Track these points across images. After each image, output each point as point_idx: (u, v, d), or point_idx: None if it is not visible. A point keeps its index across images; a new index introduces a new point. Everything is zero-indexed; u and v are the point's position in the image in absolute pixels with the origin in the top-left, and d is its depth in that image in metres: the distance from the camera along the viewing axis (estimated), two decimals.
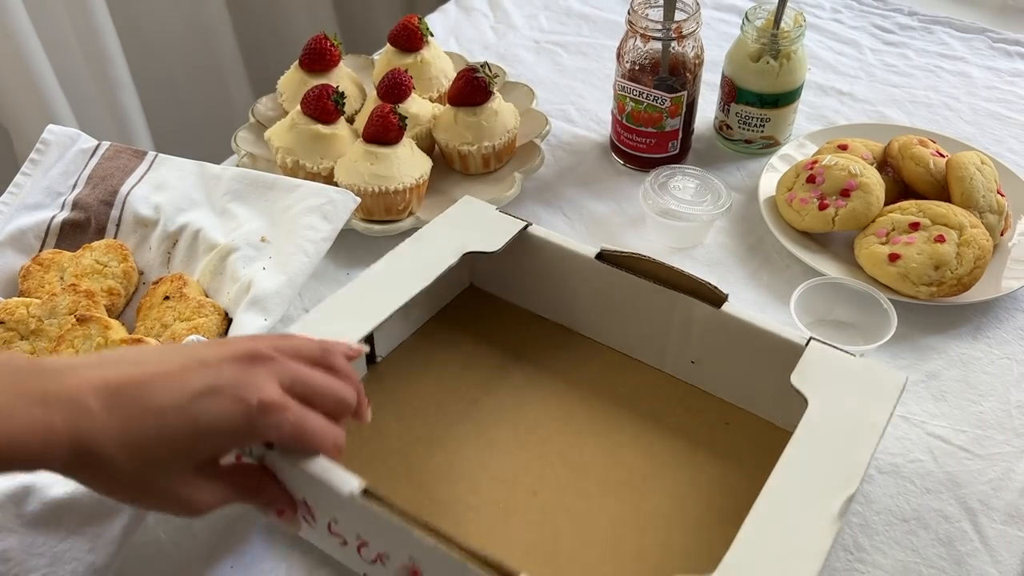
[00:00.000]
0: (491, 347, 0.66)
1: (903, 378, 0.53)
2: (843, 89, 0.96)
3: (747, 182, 0.84)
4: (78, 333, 0.60)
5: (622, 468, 0.58)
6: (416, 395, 0.63)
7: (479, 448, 0.59)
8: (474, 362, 0.65)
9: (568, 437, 0.60)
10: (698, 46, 0.80)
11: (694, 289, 0.59)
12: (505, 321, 0.69)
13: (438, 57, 0.89)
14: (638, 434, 0.60)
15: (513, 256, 0.65)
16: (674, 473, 0.58)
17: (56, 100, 1.18)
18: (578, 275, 0.64)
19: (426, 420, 0.61)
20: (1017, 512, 0.58)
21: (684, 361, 0.63)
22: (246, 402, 0.42)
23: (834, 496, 0.46)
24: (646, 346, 0.64)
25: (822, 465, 0.48)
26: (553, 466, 0.58)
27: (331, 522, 0.50)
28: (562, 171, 0.86)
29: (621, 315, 0.64)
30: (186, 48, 1.44)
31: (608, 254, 0.62)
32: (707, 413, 0.61)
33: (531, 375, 0.64)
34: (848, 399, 0.52)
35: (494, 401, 0.62)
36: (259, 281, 0.64)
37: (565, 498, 0.56)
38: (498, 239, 0.63)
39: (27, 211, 0.71)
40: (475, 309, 0.70)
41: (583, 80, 0.99)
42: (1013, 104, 0.93)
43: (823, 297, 0.67)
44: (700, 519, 0.55)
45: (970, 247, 0.69)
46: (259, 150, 0.84)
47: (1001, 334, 0.69)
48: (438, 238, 0.63)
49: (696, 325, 0.60)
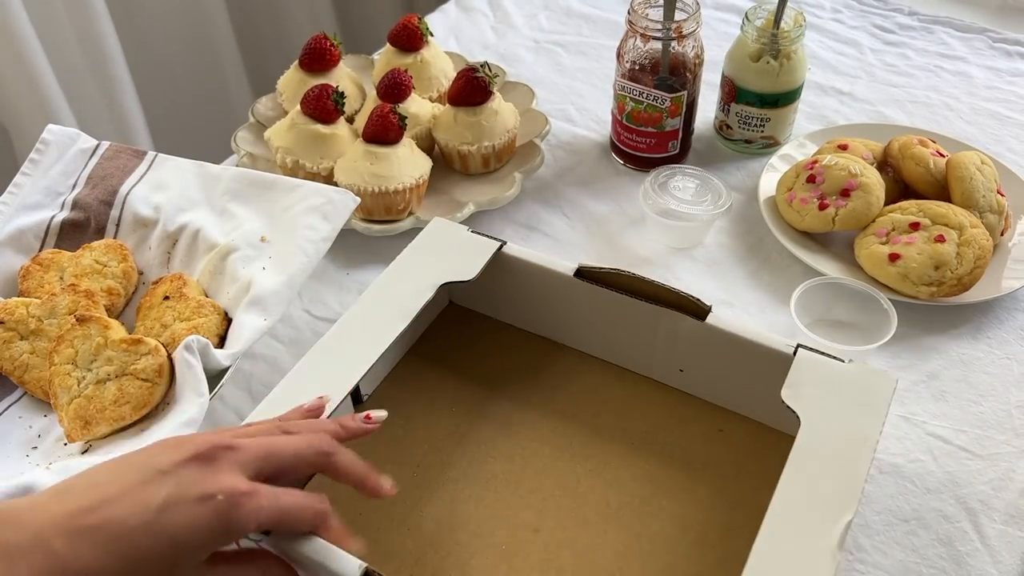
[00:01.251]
0: (476, 370, 0.65)
1: (893, 380, 0.53)
2: (843, 89, 0.96)
3: (747, 182, 0.84)
4: (78, 333, 0.60)
5: (620, 492, 0.57)
6: (408, 433, 0.61)
7: (476, 485, 0.58)
8: (461, 389, 0.64)
9: (563, 464, 0.59)
10: (698, 46, 0.80)
11: (677, 303, 0.58)
12: (487, 338, 0.67)
13: (438, 57, 0.89)
14: (633, 453, 0.59)
15: (491, 276, 0.63)
16: (672, 492, 0.57)
17: (56, 100, 1.18)
18: (558, 292, 0.63)
19: (420, 461, 0.60)
20: (1017, 512, 0.58)
21: (672, 370, 0.62)
22: (212, 500, 0.40)
23: (833, 523, 0.46)
24: (633, 358, 0.64)
25: (818, 492, 0.47)
26: (552, 498, 0.57)
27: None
28: (562, 171, 0.86)
29: (605, 329, 0.63)
30: (186, 48, 1.44)
31: (587, 271, 0.61)
32: (699, 421, 0.61)
33: (518, 397, 0.63)
34: (840, 412, 0.51)
35: (484, 433, 0.61)
36: (259, 281, 0.63)
37: (567, 532, 0.55)
38: (473, 264, 0.61)
39: (27, 211, 0.71)
40: (456, 328, 0.68)
41: (583, 80, 0.99)
42: (1013, 104, 0.93)
43: (823, 297, 0.67)
44: (704, 538, 0.54)
45: (970, 247, 0.69)
46: (259, 150, 0.84)
47: (1001, 334, 0.69)
48: (413, 270, 0.61)
49: (682, 339, 0.59)
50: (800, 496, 0.47)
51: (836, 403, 0.52)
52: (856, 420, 0.51)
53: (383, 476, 0.48)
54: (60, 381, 0.59)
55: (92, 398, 0.58)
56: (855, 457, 0.49)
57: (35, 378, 0.62)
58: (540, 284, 0.63)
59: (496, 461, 0.59)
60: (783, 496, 0.47)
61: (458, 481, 0.58)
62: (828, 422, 0.51)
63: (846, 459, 0.49)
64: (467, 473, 0.59)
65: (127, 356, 0.59)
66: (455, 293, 0.70)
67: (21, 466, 0.58)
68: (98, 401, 0.58)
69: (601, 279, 0.61)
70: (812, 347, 0.55)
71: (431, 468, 0.59)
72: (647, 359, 0.63)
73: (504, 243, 0.63)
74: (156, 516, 0.39)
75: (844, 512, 0.46)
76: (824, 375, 0.53)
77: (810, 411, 0.51)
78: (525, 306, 0.66)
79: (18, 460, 0.59)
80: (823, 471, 0.48)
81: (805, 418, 0.51)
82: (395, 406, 0.61)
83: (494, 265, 0.62)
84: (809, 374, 0.53)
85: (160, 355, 0.59)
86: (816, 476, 0.48)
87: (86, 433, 0.57)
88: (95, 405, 0.58)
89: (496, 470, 0.59)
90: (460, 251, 0.62)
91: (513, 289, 0.65)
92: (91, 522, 0.38)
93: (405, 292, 0.59)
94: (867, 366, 0.54)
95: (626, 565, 0.54)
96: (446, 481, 0.58)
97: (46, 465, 0.57)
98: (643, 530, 0.55)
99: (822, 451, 0.49)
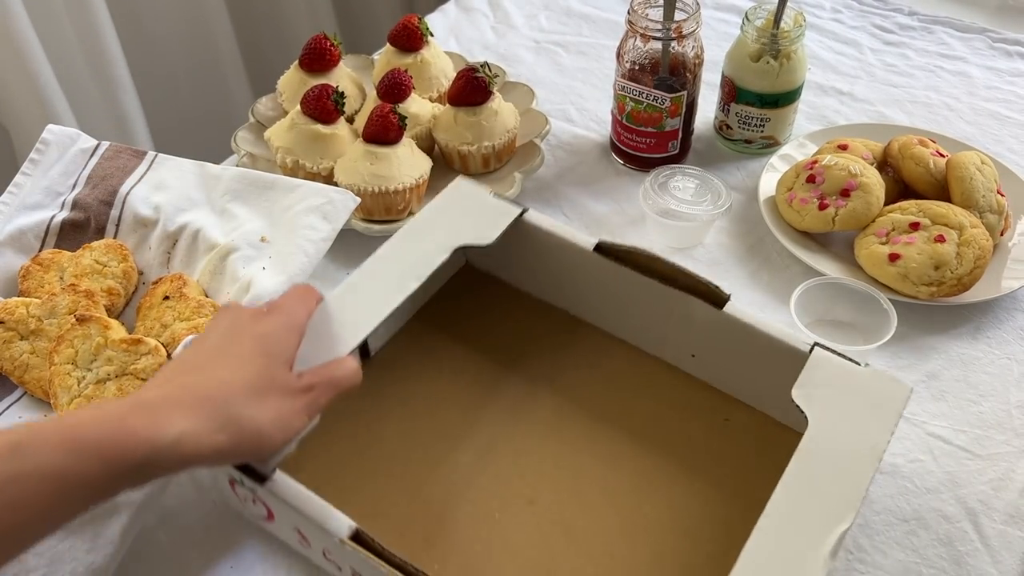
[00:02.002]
0: (488, 336, 0.65)
1: (908, 388, 0.52)
2: (843, 89, 0.96)
3: (747, 182, 0.84)
4: (78, 333, 0.60)
5: (620, 474, 0.57)
6: (413, 395, 0.62)
7: (477, 453, 0.59)
8: (471, 355, 0.64)
9: (566, 441, 0.59)
10: (698, 46, 0.80)
11: (695, 288, 0.58)
12: (500, 304, 0.67)
13: (438, 57, 0.89)
14: (636, 437, 0.59)
15: (510, 241, 0.63)
16: (672, 480, 0.57)
17: (56, 100, 1.18)
18: (576, 265, 0.63)
19: (424, 423, 0.60)
20: (1017, 512, 0.58)
21: (685, 354, 0.62)
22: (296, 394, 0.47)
23: (829, 531, 0.45)
24: (646, 338, 0.63)
25: (817, 497, 0.47)
26: (550, 473, 0.57)
27: (324, 551, 0.50)
28: (562, 171, 0.86)
29: (620, 307, 0.63)
30: (186, 48, 1.44)
31: (606, 246, 0.61)
32: (707, 410, 0.61)
33: (527, 368, 0.63)
34: (850, 416, 0.50)
35: (490, 401, 0.62)
36: (259, 281, 0.64)
37: (562, 508, 0.56)
38: (492, 230, 0.61)
39: (27, 211, 0.71)
40: (470, 291, 0.68)
41: (583, 80, 0.99)
42: (1013, 104, 0.93)
43: (823, 297, 0.67)
44: (697, 529, 0.54)
45: (970, 247, 0.69)
46: (259, 150, 0.84)
47: (1001, 334, 0.69)
48: (431, 229, 0.61)
49: (697, 324, 0.59)
50: (799, 500, 0.47)
51: (847, 407, 0.51)
52: (865, 426, 0.50)
53: None
54: (60, 381, 0.59)
55: (92, 398, 0.58)
56: (859, 465, 0.48)
57: (35, 378, 0.62)
58: (559, 255, 0.63)
59: (498, 431, 0.60)
60: (781, 498, 0.47)
61: (456, 446, 0.59)
62: (836, 426, 0.50)
63: (850, 466, 0.48)
64: (466, 439, 0.59)
65: (127, 356, 0.59)
66: (472, 255, 0.70)
67: None
68: (98, 401, 0.58)
69: (620, 256, 0.60)
70: (829, 347, 0.54)
71: (430, 431, 0.60)
72: (660, 341, 0.62)
73: (526, 209, 0.63)
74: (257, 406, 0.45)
75: (841, 520, 0.45)
76: (838, 377, 0.53)
77: (819, 413, 0.51)
78: (543, 275, 0.66)
79: None
80: (825, 476, 0.48)
81: (813, 420, 0.50)
82: (402, 365, 0.63)
83: (513, 231, 0.62)
84: (823, 374, 0.53)
85: (160, 355, 0.59)
86: (817, 481, 0.48)
87: None
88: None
89: (495, 439, 0.59)
90: (480, 214, 0.62)
91: (531, 258, 0.65)
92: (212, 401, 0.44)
93: (421, 251, 0.59)
94: (883, 372, 0.53)
95: (615, 547, 0.54)
96: (447, 448, 0.59)
97: None
98: (637, 514, 0.55)
99: (827, 455, 0.49)
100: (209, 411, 0.43)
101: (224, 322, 0.50)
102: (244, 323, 0.49)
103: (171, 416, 0.42)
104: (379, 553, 0.45)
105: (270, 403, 0.45)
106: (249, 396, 0.45)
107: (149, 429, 0.41)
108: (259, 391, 0.45)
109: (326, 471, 0.57)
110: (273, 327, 0.49)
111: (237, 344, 0.48)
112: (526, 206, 0.63)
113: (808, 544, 0.45)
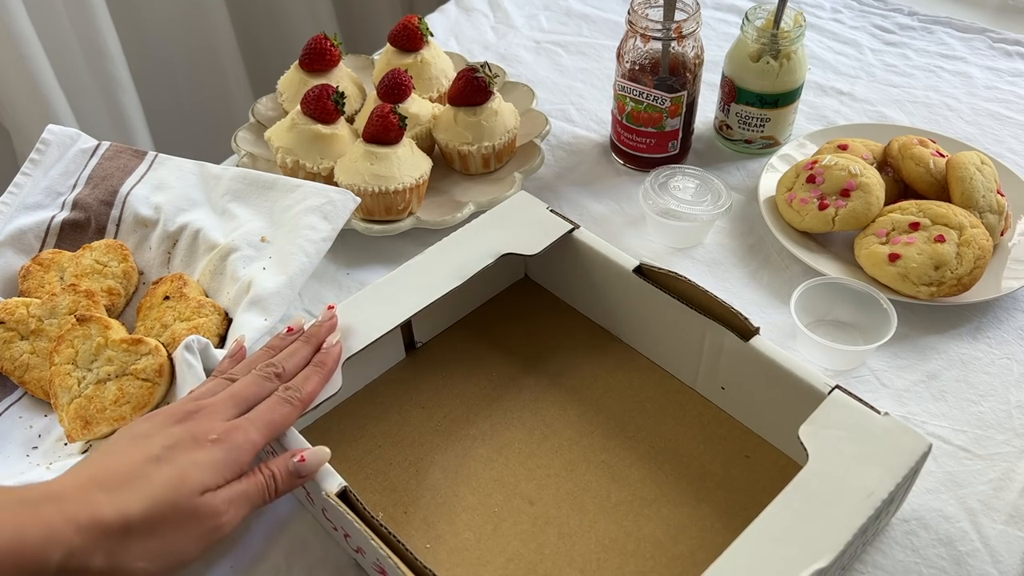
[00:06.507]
0: (527, 342, 0.67)
1: (926, 443, 0.50)
2: (843, 89, 0.96)
3: (747, 182, 0.84)
4: (78, 333, 0.60)
5: (625, 489, 0.57)
6: (445, 386, 0.64)
7: (491, 447, 0.60)
8: (506, 356, 0.66)
9: (579, 450, 0.60)
10: (698, 46, 0.80)
11: (725, 318, 0.57)
12: (547, 316, 0.69)
13: (438, 57, 0.89)
14: (649, 456, 0.59)
15: (562, 257, 0.66)
16: (677, 504, 0.57)
17: (56, 100, 1.18)
18: (618, 285, 0.64)
19: (448, 412, 0.62)
20: (1017, 512, 0.58)
21: (715, 386, 0.61)
22: (209, 441, 0.47)
23: (803, 567, 0.44)
24: (680, 363, 0.63)
25: (800, 530, 0.46)
26: (557, 477, 0.58)
27: (323, 509, 0.51)
28: (562, 171, 0.86)
29: (657, 330, 0.63)
30: (186, 48, 1.44)
31: (646, 269, 0.61)
32: (729, 443, 0.60)
33: (557, 376, 0.65)
34: (853, 460, 0.49)
35: (514, 402, 0.63)
36: (259, 281, 0.64)
37: (560, 512, 0.56)
38: (540, 241, 0.63)
39: (27, 211, 0.71)
40: (522, 301, 0.71)
41: (583, 80, 0.99)
42: (1013, 104, 0.93)
43: (823, 297, 0.67)
44: (691, 554, 0.54)
45: (970, 247, 0.69)
46: (259, 150, 0.85)
47: (1001, 334, 0.69)
48: (482, 235, 0.64)
49: (725, 355, 0.59)
50: (779, 530, 0.46)
51: (853, 451, 0.49)
52: (868, 473, 0.48)
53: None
54: (60, 381, 0.59)
55: (92, 398, 0.58)
56: (852, 509, 0.47)
57: (35, 378, 0.62)
58: (602, 273, 0.65)
59: (516, 431, 0.61)
60: (762, 525, 0.46)
61: (475, 439, 0.61)
62: (837, 466, 0.49)
63: (842, 508, 0.47)
64: (485, 434, 0.61)
65: (127, 356, 0.59)
66: (531, 268, 0.72)
67: (21, 466, 0.58)
68: (98, 401, 0.58)
69: (657, 280, 0.61)
70: (851, 392, 0.52)
71: (455, 421, 0.62)
72: (693, 370, 0.63)
73: (577, 227, 0.65)
74: (167, 467, 0.44)
75: (819, 558, 0.44)
76: (853, 420, 0.51)
77: (823, 451, 0.49)
78: (589, 292, 0.67)
79: (18, 460, 0.59)
80: (813, 513, 0.46)
81: (815, 456, 0.49)
82: (443, 359, 0.66)
83: (564, 247, 0.65)
84: (837, 416, 0.51)
85: (160, 355, 0.59)
86: (804, 515, 0.46)
87: (86, 433, 0.58)
88: (95, 405, 0.58)
89: (513, 439, 0.61)
90: (532, 226, 0.65)
91: (579, 274, 0.67)
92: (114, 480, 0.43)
93: (468, 254, 0.62)
94: (902, 423, 0.51)
95: (605, 558, 0.54)
96: (464, 436, 0.61)
97: (46, 465, 0.57)
98: (634, 530, 0.55)
99: (820, 493, 0.47)
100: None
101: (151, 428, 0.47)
102: (180, 442, 0.46)
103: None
104: (359, 513, 0.47)
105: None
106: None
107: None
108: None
109: (350, 445, 0.61)
110: (208, 458, 0.46)
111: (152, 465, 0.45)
112: (577, 223, 0.65)
113: (777, 574, 0.44)
